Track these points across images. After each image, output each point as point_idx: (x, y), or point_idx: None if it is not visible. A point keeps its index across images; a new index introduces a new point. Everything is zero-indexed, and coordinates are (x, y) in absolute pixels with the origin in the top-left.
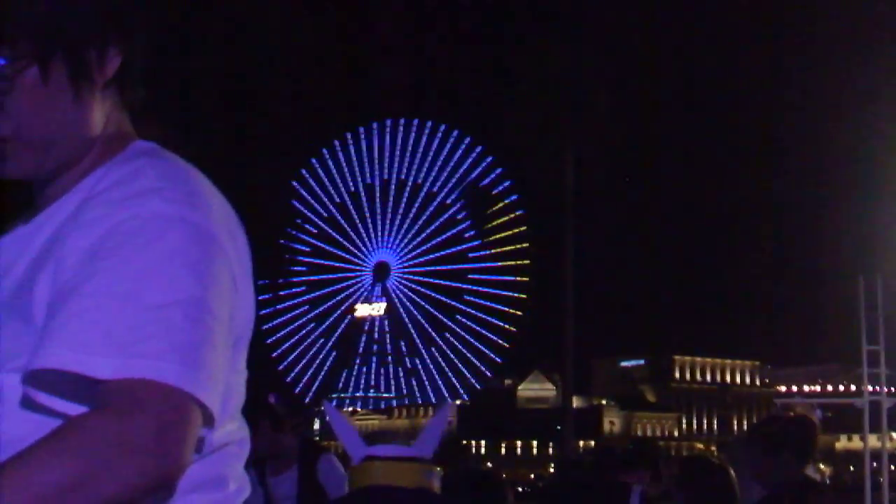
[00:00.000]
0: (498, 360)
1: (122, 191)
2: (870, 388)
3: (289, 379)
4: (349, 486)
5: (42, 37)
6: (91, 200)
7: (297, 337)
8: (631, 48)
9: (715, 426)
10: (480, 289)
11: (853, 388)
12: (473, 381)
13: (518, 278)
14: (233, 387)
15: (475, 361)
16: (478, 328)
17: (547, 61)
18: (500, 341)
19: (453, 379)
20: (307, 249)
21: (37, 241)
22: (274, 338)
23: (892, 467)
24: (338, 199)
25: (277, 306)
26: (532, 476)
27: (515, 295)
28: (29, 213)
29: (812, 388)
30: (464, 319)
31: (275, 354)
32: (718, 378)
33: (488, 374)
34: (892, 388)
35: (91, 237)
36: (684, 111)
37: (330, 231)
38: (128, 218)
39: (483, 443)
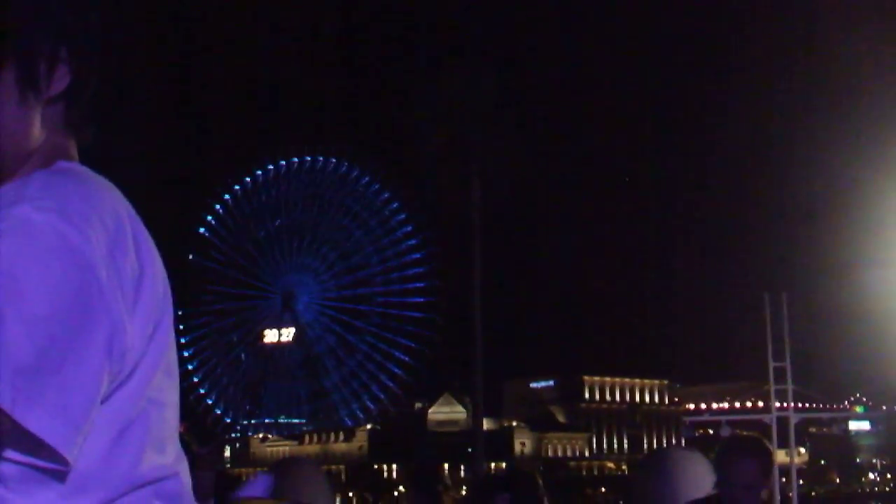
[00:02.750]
0: (410, 381)
1: (3, 202)
2: (777, 404)
3: (199, 409)
4: None
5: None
6: None
7: (206, 367)
8: (535, 70)
9: (625, 445)
10: (390, 311)
11: (761, 404)
12: (386, 403)
13: (427, 299)
14: (142, 416)
15: (388, 383)
16: (389, 350)
17: (452, 84)
18: (412, 362)
19: (366, 401)
20: (214, 278)
21: None
22: (182, 369)
23: (801, 481)
24: (244, 226)
25: (185, 338)
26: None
27: (425, 316)
28: None
29: (720, 405)
30: (374, 342)
31: (184, 385)
32: (628, 397)
33: (401, 395)
34: (800, 404)
35: None
36: (591, 131)
37: (237, 258)
38: None
39: (394, 466)
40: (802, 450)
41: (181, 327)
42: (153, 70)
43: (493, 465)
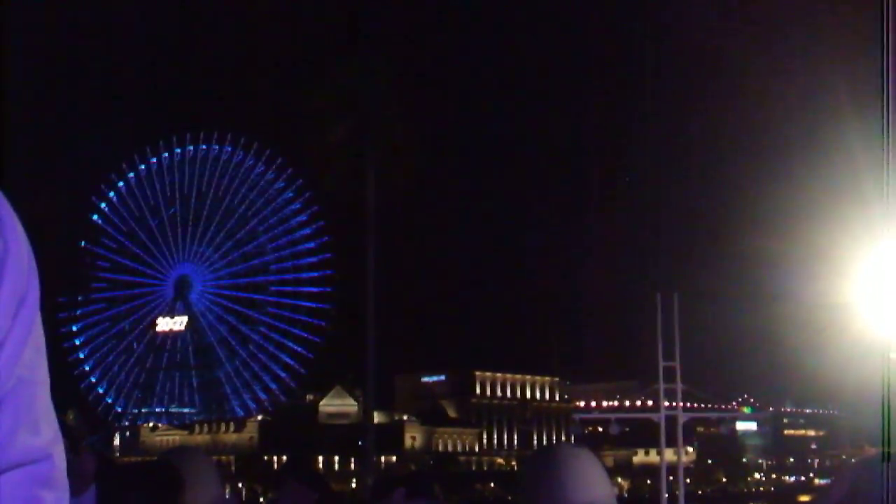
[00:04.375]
0: (302, 371)
1: None
2: (666, 403)
3: (90, 397)
4: None
5: None
6: None
7: (98, 354)
8: (433, 61)
9: (515, 441)
10: (283, 300)
11: (650, 403)
12: (278, 393)
13: (321, 289)
14: (11, 395)
15: (280, 373)
16: (282, 340)
17: (348, 74)
18: (305, 352)
19: (258, 392)
20: (106, 265)
21: None
22: (74, 356)
23: (688, 480)
24: (137, 214)
25: (77, 325)
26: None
27: (319, 306)
28: None
29: (610, 403)
30: (267, 332)
31: (75, 372)
32: (518, 394)
33: (293, 385)
34: (688, 404)
35: None
36: (484, 131)
37: (130, 245)
38: None
39: (284, 458)
40: (690, 449)
41: (74, 314)
42: (47, 52)
43: (383, 458)
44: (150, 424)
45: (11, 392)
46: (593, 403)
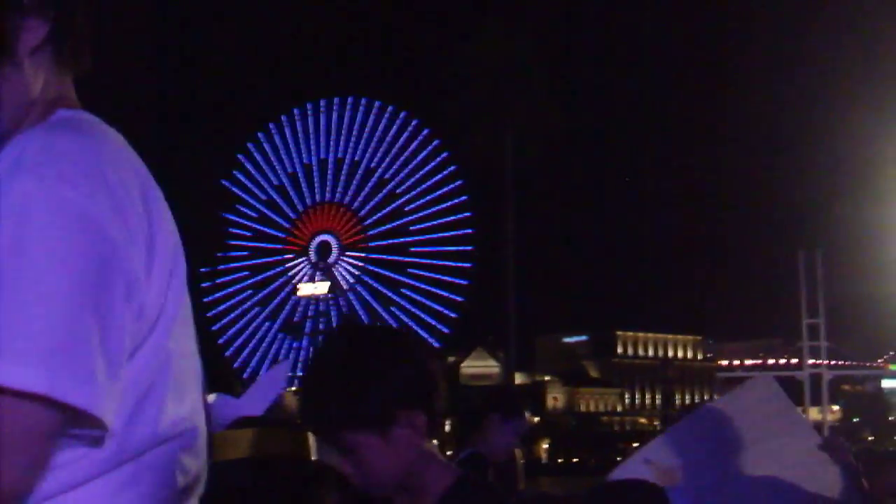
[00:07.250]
0: (445, 330)
1: (3, 168)
2: (810, 360)
3: (236, 364)
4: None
5: None
6: None
7: (242, 322)
8: (572, 30)
9: (658, 401)
10: (424, 261)
11: (794, 361)
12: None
13: (461, 248)
14: (164, 369)
15: (423, 334)
16: (424, 300)
17: (487, 41)
18: (447, 312)
19: None
20: (248, 234)
21: None
22: (219, 324)
23: None
24: (276, 182)
25: (220, 293)
26: None
27: (460, 265)
28: None
29: (753, 361)
30: (409, 293)
31: (221, 341)
32: (661, 353)
33: (437, 345)
34: (833, 361)
35: None
36: (623, 93)
37: (270, 214)
38: None
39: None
40: (835, 407)
41: (215, 282)
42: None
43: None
44: (293, 388)
45: (165, 365)
46: (736, 362)
